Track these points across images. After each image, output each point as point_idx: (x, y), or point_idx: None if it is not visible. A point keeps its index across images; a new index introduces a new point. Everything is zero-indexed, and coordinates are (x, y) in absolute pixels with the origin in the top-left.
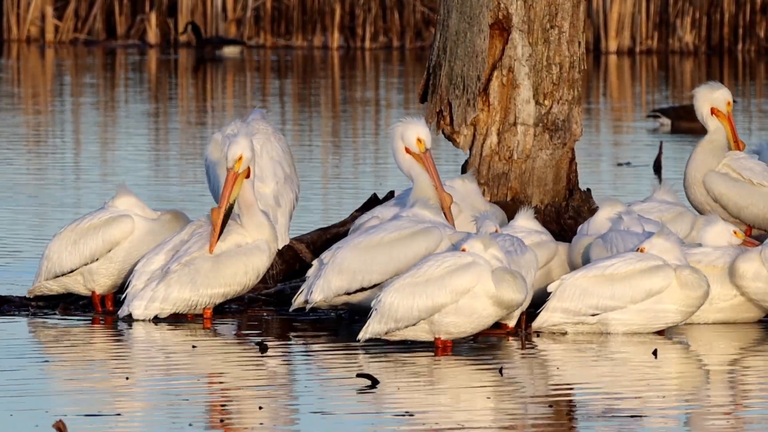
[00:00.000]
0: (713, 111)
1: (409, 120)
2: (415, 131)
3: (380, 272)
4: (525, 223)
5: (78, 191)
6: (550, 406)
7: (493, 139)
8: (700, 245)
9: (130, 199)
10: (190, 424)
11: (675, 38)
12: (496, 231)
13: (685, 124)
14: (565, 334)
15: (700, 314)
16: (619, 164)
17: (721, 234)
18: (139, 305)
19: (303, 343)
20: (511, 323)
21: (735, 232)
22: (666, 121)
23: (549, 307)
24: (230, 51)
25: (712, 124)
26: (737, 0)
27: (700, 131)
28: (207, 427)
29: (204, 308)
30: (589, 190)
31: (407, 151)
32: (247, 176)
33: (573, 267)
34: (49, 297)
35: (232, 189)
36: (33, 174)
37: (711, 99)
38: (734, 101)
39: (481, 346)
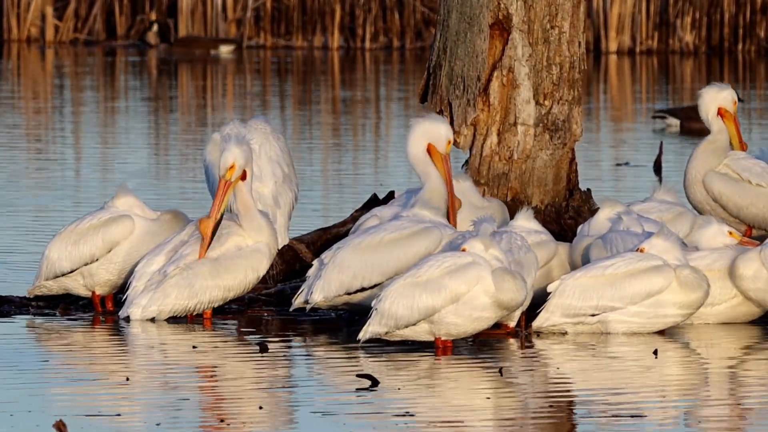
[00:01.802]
0: (720, 111)
1: (437, 118)
2: (447, 132)
3: (380, 272)
4: (525, 223)
5: (78, 191)
6: (550, 406)
7: (493, 139)
8: (696, 247)
9: (130, 199)
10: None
11: (675, 38)
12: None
13: (696, 124)
14: (565, 334)
15: (701, 315)
16: (618, 164)
17: (716, 235)
18: (137, 310)
19: (303, 343)
20: (511, 323)
21: (730, 233)
22: (674, 122)
23: (549, 307)
24: (225, 50)
25: (717, 125)
26: (737, 0)
27: (709, 133)
28: (207, 427)
29: (203, 311)
30: (589, 190)
31: (428, 148)
32: (244, 178)
33: (574, 268)
34: (49, 297)
35: (224, 198)
36: (33, 174)
37: (719, 99)
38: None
39: (481, 346)
